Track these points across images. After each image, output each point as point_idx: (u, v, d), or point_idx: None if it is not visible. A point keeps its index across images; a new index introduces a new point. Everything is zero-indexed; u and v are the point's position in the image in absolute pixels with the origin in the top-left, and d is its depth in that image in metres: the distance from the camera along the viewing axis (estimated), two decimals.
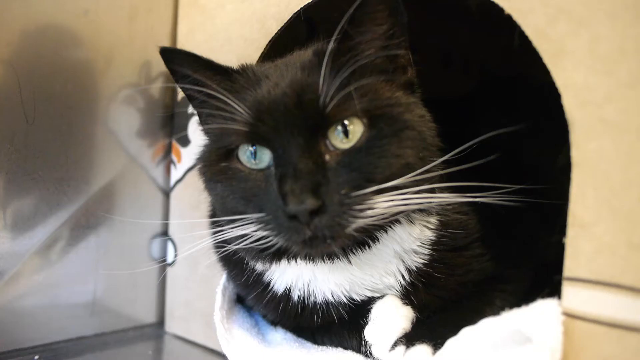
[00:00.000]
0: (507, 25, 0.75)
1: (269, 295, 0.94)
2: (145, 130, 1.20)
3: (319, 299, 0.91)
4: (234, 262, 0.96)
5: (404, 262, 0.89)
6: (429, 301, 0.90)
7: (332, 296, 0.90)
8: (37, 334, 1.08)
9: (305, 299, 0.91)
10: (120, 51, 1.15)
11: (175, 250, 1.20)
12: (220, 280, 1.05)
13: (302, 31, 1.27)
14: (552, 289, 0.71)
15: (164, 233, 1.23)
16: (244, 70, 0.85)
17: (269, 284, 0.93)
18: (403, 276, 0.89)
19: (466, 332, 0.73)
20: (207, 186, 0.86)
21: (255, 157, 0.80)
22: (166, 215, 1.23)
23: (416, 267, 0.89)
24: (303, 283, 0.90)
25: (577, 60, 0.68)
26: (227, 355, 0.95)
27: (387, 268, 0.89)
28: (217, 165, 0.83)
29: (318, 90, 0.76)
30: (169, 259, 1.21)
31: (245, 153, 0.80)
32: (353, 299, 0.90)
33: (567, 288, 0.68)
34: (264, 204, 0.77)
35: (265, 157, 0.79)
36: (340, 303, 0.90)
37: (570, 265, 0.68)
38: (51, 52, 1.06)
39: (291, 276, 0.90)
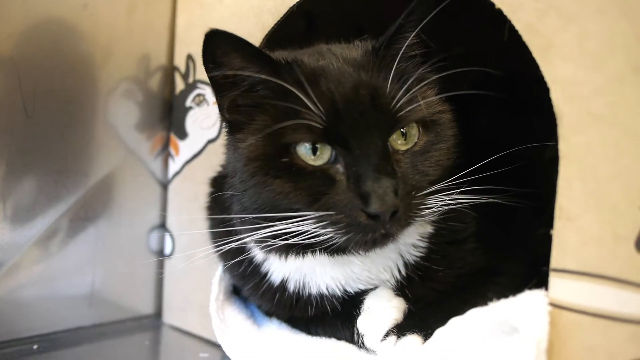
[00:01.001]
0: (499, 20, 0.76)
1: (265, 286, 0.95)
2: (143, 124, 1.21)
3: (314, 291, 0.92)
4: (231, 254, 0.97)
5: (402, 256, 0.91)
6: (425, 294, 0.92)
7: (327, 289, 0.92)
8: (36, 324, 1.09)
9: (300, 291, 0.93)
10: (119, 45, 1.16)
11: (173, 242, 1.21)
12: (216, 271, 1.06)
13: (300, 25, 1.28)
14: (540, 280, 0.73)
15: (162, 225, 1.24)
16: (288, 63, 0.82)
17: (265, 274, 0.94)
18: (399, 270, 0.91)
19: (454, 321, 0.74)
20: (259, 181, 0.80)
21: (314, 154, 0.79)
22: (164, 207, 1.24)
23: (414, 260, 0.91)
24: (300, 275, 0.92)
25: (565, 55, 0.69)
26: (222, 346, 0.96)
27: (386, 263, 0.91)
28: (277, 160, 0.79)
29: (386, 93, 0.79)
30: (167, 250, 1.22)
31: (304, 149, 0.79)
32: (347, 291, 0.92)
33: (553, 279, 0.70)
34: (333, 203, 0.77)
35: (325, 154, 0.79)
36: (334, 295, 0.92)
37: (557, 257, 0.69)
38: (50, 46, 1.07)
39: (289, 268, 0.92)
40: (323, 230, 0.77)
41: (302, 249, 0.85)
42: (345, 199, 0.76)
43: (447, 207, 0.83)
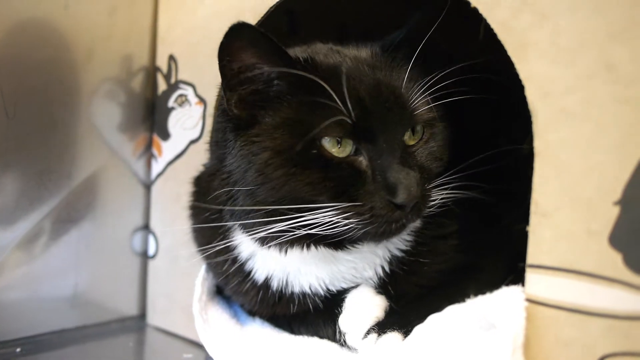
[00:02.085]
0: (475, 18, 0.76)
1: (248, 284, 0.95)
2: (126, 124, 1.20)
3: (297, 289, 0.93)
4: (215, 252, 0.97)
5: (389, 250, 0.92)
6: (408, 290, 0.93)
7: (310, 289, 0.92)
8: (19, 327, 1.09)
9: (283, 289, 0.93)
10: (100, 45, 1.16)
11: (157, 243, 1.21)
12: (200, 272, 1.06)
13: (283, 24, 1.29)
14: (516, 276, 0.73)
15: (146, 226, 1.24)
16: (305, 61, 0.84)
17: (249, 273, 0.95)
18: (383, 267, 0.92)
19: (432, 318, 0.75)
20: (287, 172, 0.80)
21: (339, 146, 0.81)
22: (147, 208, 1.24)
23: (399, 255, 0.92)
24: (283, 274, 0.92)
25: (539, 52, 0.69)
26: (205, 346, 0.96)
27: (372, 259, 0.91)
28: (306, 152, 0.80)
29: (402, 93, 0.84)
30: (151, 251, 1.22)
31: (330, 141, 0.81)
32: (329, 290, 0.93)
33: (530, 275, 0.70)
34: (359, 194, 0.79)
35: (348, 147, 0.81)
36: (317, 294, 0.93)
37: (533, 253, 0.70)
38: (32, 47, 1.06)
39: (274, 266, 0.92)
40: (346, 221, 0.79)
41: (311, 242, 0.86)
42: (372, 190, 0.79)
43: (445, 200, 0.86)
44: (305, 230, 0.80)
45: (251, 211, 0.84)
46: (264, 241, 0.87)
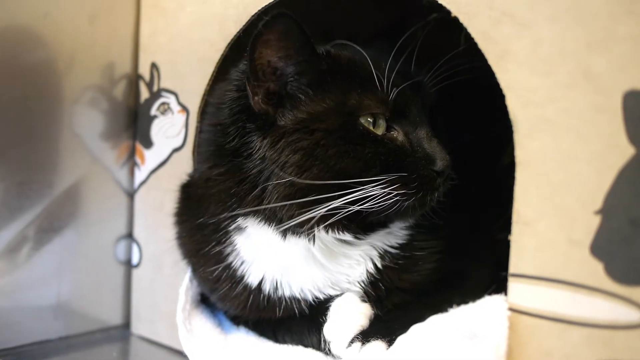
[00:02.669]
0: (456, 28, 0.77)
1: (240, 288, 0.95)
2: (109, 133, 1.19)
3: (287, 293, 0.93)
4: (204, 258, 0.97)
5: (385, 245, 0.93)
6: (401, 285, 0.93)
7: (299, 293, 0.93)
8: (1, 338, 1.07)
9: (273, 292, 0.93)
10: (82, 53, 1.15)
11: (140, 251, 1.20)
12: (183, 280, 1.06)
13: None
14: (499, 285, 0.73)
15: (129, 235, 1.23)
16: (327, 55, 0.89)
17: (242, 277, 0.95)
18: (375, 263, 0.92)
19: (415, 328, 0.75)
20: (341, 150, 0.84)
21: (376, 124, 0.87)
22: (131, 217, 1.23)
23: (394, 252, 0.93)
24: (278, 275, 0.93)
25: (519, 62, 0.70)
26: (188, 356, 0.96)
27: (369, 252, 0.92)
28: (354, 130, 0.85)
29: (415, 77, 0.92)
30: (135, 260, 1.21)
31: (369, 119, 0.86)
32: (316, 296, 0.93)
33: (512, 284, 0.70)
34: (404, 165, 0.85)
35: (383, 123, 0.87)
36: (305, 299, 0.93)
37: (515, 262, 0.70)
38: (11, 55, 1.05)
39: (271, 268, 0.93)
40: (395, 192, 0.83)
41: (342, 226, 0.88)
42: (415, 160, 0.86)
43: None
44: (357, 206, 0.82)
45: (290, 200, 0.85)
46: (295, 230, 0.88)
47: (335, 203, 0.82)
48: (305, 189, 0.84)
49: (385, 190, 0.82)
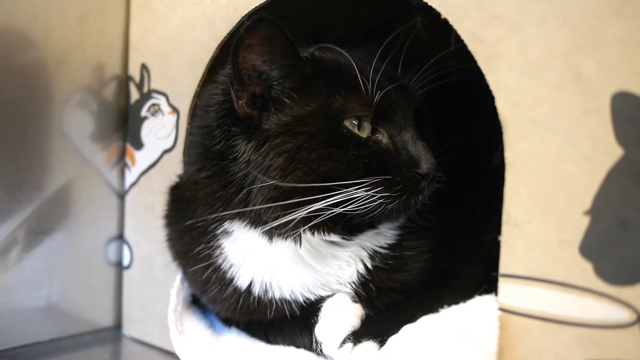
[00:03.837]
0: (446, 29, 0.77)
1: (229, 290, 0.95)
2: (99, 134, 1.19)
3: (277, 295, 0.93)
4: (193, 260, 0.97)
5: (375, 245, 0.93)
6: (391, 285, 0.94)
7: (290, 295, 0.93)
8: None
9: (263, 295, 0.94)
10: (72, 54, 1.14)
11: (131, 253, 1.20)
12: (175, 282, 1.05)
13: None
14: (490, 286, 0.74)
15: (120, 236, 1.23)
16: (308, 57, 0.89)
17: (232, 279, 0.95)
18: (365, 264, 0.92)
19: (406, 328, 0.75)
20: (324, 153, 0.84)
21: (362, 126, 0.87)
22: (122, 218, 1.23)
23: (383, 252, 0.93)
24: (267, 277, 0.93)
25: (509, 64, 0.70)
26: (180, 357, 0.96)
27: (358, 252, 0.92)
28: (338, 133, 0.85)
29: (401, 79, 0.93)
30: (126, 262, 1.21)
31: (353, 122, 0.86)
32: (307, 297, 0.93)
33: (502, 284, 0.71)
34: (388, 168, 0.85)
35: (368, 126, 0.87)
36: (295, 300, 0.93)
37: (506, 262, 0.70)
38: (0, 56, 1.05)
39: (260, 270, 0.93)
40: (378, 195, 0.83)
41: (326, 228, 0.87)
42: (399, 163, 0.85)
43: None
44: (341, 208, 0.82)
45: (274, 202, 0.85)
46: (280, 232, 0.87)
47: (317, 205, 0.82)
48: (290, 191, 0.84)
49: (369, 192, 0.82)
